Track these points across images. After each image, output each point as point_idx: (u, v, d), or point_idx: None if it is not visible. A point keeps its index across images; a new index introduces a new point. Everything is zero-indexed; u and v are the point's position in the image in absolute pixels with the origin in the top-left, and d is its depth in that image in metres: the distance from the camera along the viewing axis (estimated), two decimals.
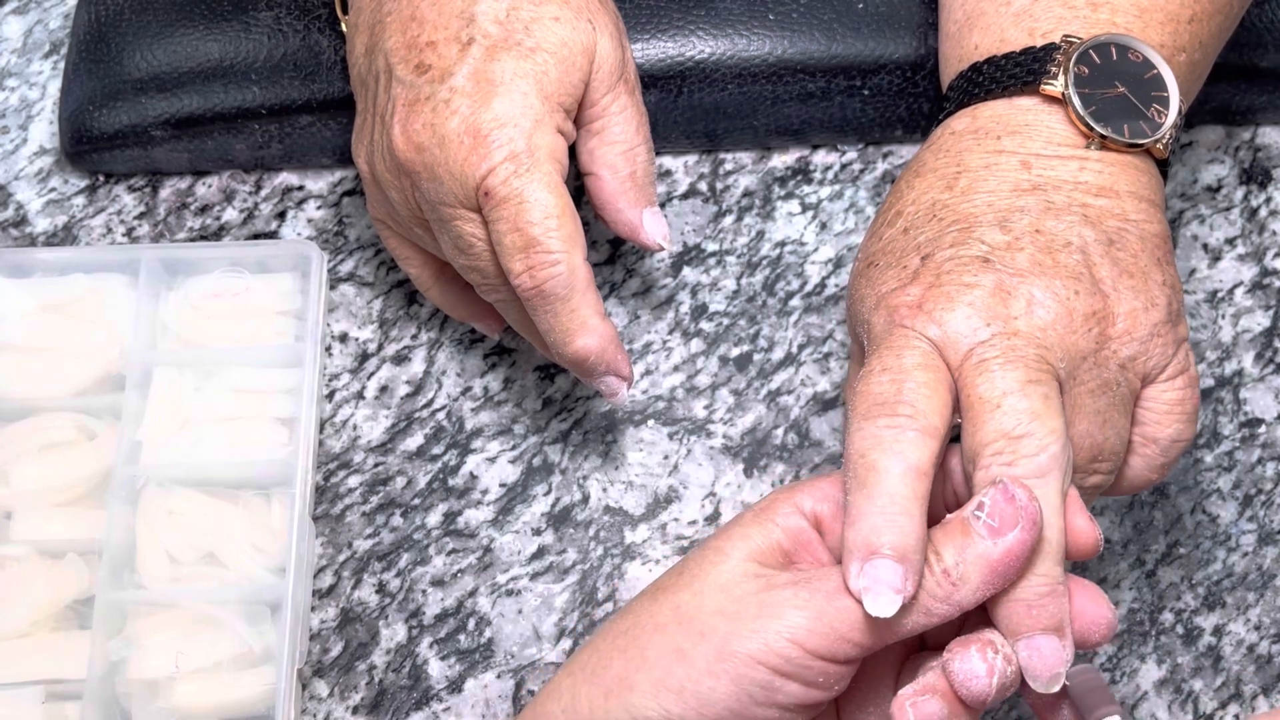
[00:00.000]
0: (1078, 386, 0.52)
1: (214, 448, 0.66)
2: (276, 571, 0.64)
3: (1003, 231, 0.54)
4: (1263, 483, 0.69)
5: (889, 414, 0.50)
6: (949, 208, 0.55)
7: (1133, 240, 0.55)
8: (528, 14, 0.60)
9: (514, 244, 0.58)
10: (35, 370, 0.67)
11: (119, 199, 0.75)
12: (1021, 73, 0.57)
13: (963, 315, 0.51)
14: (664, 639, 0.49)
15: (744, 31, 0.72)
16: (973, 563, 0.48)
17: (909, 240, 0.55)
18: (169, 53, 0.73)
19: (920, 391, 0.50)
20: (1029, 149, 0.56)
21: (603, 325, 0.60)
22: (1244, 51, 0.72)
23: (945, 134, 0.58)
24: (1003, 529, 0.48)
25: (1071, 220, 0.54)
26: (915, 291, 0.53)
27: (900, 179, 0.58)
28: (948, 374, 0.51)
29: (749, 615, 0.48)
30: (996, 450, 0.50)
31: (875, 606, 0.47)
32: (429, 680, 0.65)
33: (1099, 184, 0.55)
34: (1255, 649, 0.65)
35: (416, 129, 0.59)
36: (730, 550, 0.51)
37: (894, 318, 0.53)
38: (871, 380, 0.51)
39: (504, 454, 0.69)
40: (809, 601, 0.48)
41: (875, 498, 0.48)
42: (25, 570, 0.63)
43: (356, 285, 0.73)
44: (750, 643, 0.48)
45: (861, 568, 0.48)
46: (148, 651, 0.62)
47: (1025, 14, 0.59)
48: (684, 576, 0.51)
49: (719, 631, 0.48)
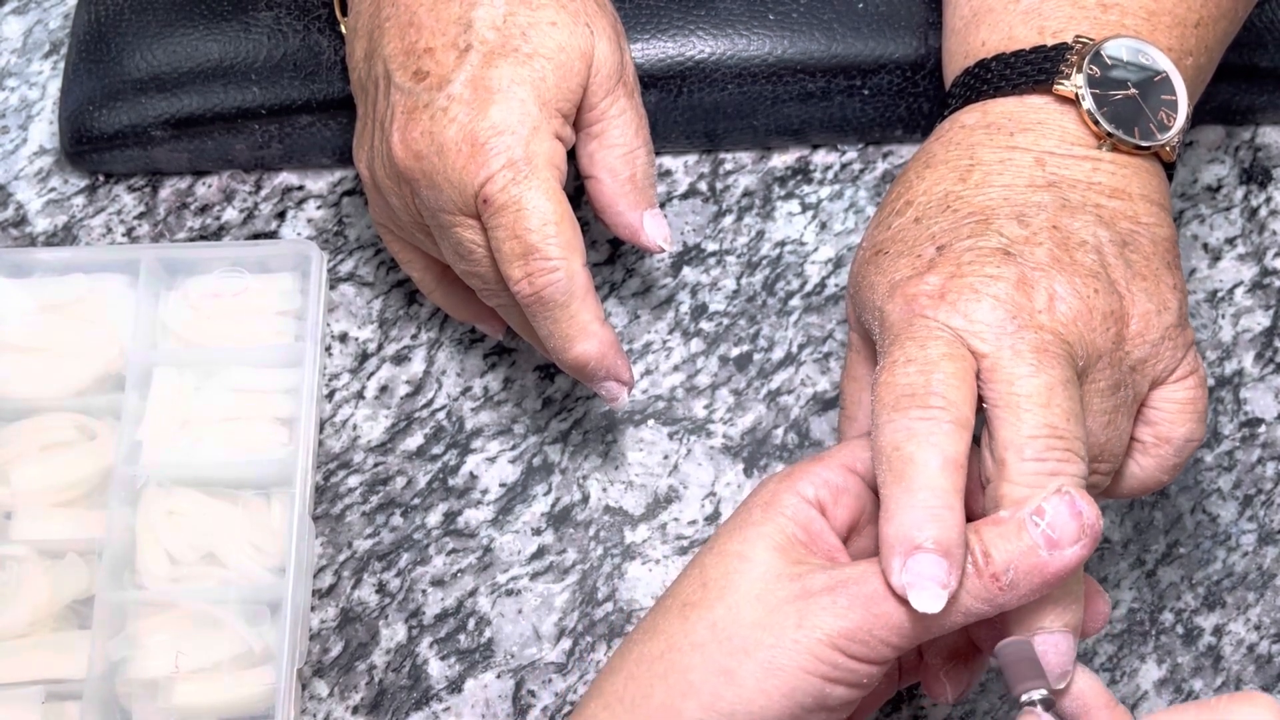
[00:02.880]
0: (1090, 385, 0.52)
1: (214, 448, 0.66)
2: (276, 571, 0.64)
3: (1020, 225, 0.53)
4: (1263, 483, 0.69)
5: (920, 405, 0.49)
6: (963, 199, 0.55)
7: (1145, 243, 0.54)
8: (524, 19, 0.60)
9: (513, 251, 0.58)
10: (35, 370, 0.67)
11: (119, 199, 0.75)
12: (1033, 71, 0.57)
13: (989, 306, 0.51)
14: (706, 660, 0.48)
15: (744, 31, 0.72)
16: (1026, 572, 0.47)
17: (922, 229, 0.55)
18: (169, 53, 0.73)
19: (949, 383, 0.49)
20: (1043, 146, 0.56)
21: (602, 331, 0.60)
22: (1244, 51, 0.72)
23: (954, 127, 0.58)
24: (1062, 542, 0.47)
25: (1087, 220, 0.54)
26: (935, 281, 0.52)
27: (907, 170, 0.58)
28: (973, 364, 0.50)
29: (790, 626, 0.48)
30: (1048, 446, 0.49)
31: (921, 602, 0.47)
32: (429, 680, 0.65)
33: (1112, 185, 0.55)
34: (1255, 649, 0.65)
35: (415, 137, 0.59)
36: (752, 554, 0.50)
37: (913, 307, 0.52)
38: (897, 371, 0.50)
39: (504, 454, 0.69)
40: (849, 609, 0.48)
41: (915, 491, 0.48)
42: (25, 570, 0.63)
43: (356, 285, 0.73)
44: (797, 656, 0.47)
45: (904, 563, 0.47)
46: (148, 651, 0.62)
47: (1034, 12, 0.59)
48: (710, 589, 0.50)
49: (763, 646, 0.48)
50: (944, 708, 0.64)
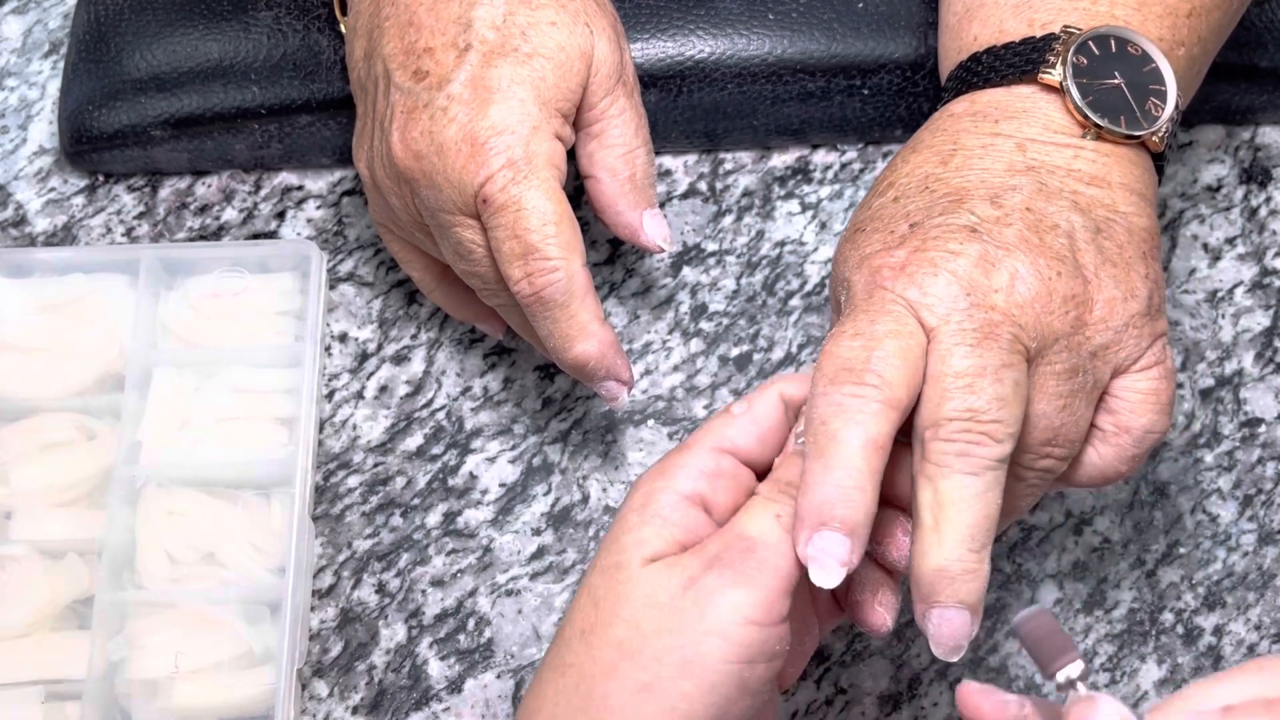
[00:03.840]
0: (1045, 367, 0.52)
1: (213, 448, 0.66)
2: (276, 571, 0.64)
3: (993, 206, 0.54)
4: (1263, 483, 0.69)
5: (855, 381, 0.50)
6: (942, 180, 0.55)
7: (1119, 231, 0.55)
8: (524, 19, 0.60)
9: (513, 251, 0.58)
10: (35, 370, 0.67)
11: (119, 199, 0.75)
12: (1020, 62, 0.57)
13: (945, 281, 0.52)
14: (621, 682, 0.48)
15: (744, 31, 0.72)
16: None
17: (898, 208, 0.55)
18: (169, 53, 0.73)
19: (890, 361, 0.50)
20: (1025, 133, 0.56)
21: (602, 331, 0.60)
22: (1244, 51, 0.72)
23: (943, 117, 0.58)
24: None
25: (1062, 205, 0.54)
26: (900, 255, 0.53)
27: (896, 156, 0.59)
28: (921, 341, 0.51)
29: (692, 620, 0.48)
30: (962, 428, 0.50)
31: (820, 578, 0.48)
32: (429, 680, 0.65)
33: (1091, 173, 0.56)
34: (1255, 649, 0.65)
35: (415, 137, 0.59)
36: (630, 564, 0.50)
37: (875, 279, 0.53)
38: (842, 342, 0.51)
39: (504, 454, 0.69)
40: (737, 578, 0.48)
41: (832, 469, 0.49)
42: (25, 570, 0.63)
43: (356, 285, 0.73)
44: (707, 646, 0.48)
45: (810, 537, 0.48)
46: (147, 651, 0.62)
47: (1025, 5, 0.59)
48: (602, 609, 0.50)
49: (673, 649, 0.48)
50: (944, 708, 0.64)
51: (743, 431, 0.53)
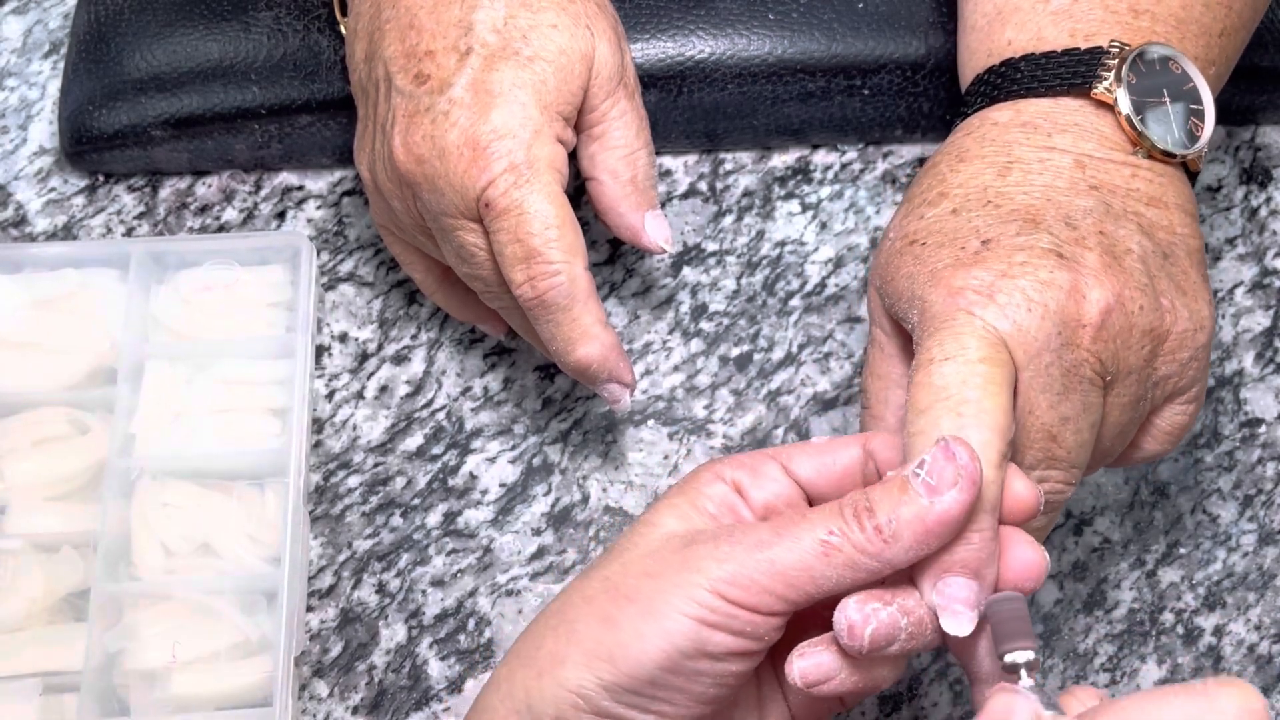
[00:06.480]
0: (1113, 398, 0.52)
1: (207, 439, 0.66)
2: (271, 561, 0.64)
3: (1069, 227, 0.53)
4: (1263, 483, 0.69)
5: (952, 412, 0.48)
6: (1005, 195, 0.54)
7: (1182, 255, 0.54)
8: (525, 22, 0.60)
9: (515, 255, 0.58)
10: (27, 365, 0.68)
11: (119, 199, 0.75)
12: (1067, 74, 0.56)
13: (1039, 316, 0.50)
14: (592, 610, 0.49)
15: (744, 31, 0.72)
16: (908, 521, 0.46)
17: (962, 222, 0.54)
18: (169, 53, 0.73)
19: (987, 389, 0.49)
20: (1082, 149, 0.55)
21: (604, 333, 0.60)
22: (1244, 51, 0.72)
23: (986, 124, 0.57)
24: (940, 487, 0.46)
25: (1130, 229, 0.53)
26: (984, 276, 0.51)
27: (938, 163, 0.57)
28: (1012, 368, 0.50)
29: (671, 572, 0.48)
30: (1041, 476, 0.51)
31: (952, 626, 0.47)
32: (429, 680, 0.64)
33: (1150, 193, 0.55)
34: (1255, 649, 0.65)
35: (416, 141, 0.59)
36: (657, 521, 0.50)
37: (958, 300, 0.51)
38: (934, 370, 0.49)
39: (504, 454, 0.69)
40: (730, 554, 0.47)
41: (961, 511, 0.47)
42: (20, 564, 0.63)
43: (356, 285, 0.73)
44: (673, 597, 0.47)
45: (934, 584, 0.47)
46: (144, 643, 0.62)
47: (1064, 14, 0.58)
48: (612, 551, 0.51)
49: (644, 592, 0.48)
50: (944, 708, 0.64)
51: (810, 458, 0.52)
